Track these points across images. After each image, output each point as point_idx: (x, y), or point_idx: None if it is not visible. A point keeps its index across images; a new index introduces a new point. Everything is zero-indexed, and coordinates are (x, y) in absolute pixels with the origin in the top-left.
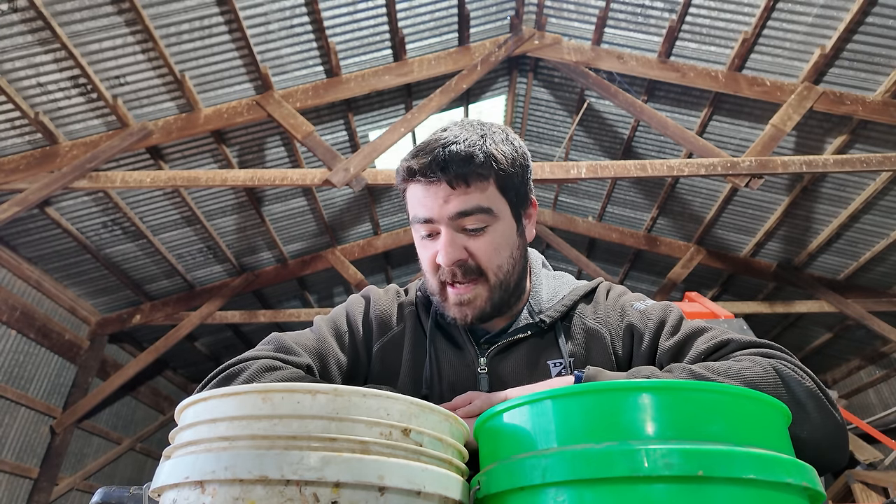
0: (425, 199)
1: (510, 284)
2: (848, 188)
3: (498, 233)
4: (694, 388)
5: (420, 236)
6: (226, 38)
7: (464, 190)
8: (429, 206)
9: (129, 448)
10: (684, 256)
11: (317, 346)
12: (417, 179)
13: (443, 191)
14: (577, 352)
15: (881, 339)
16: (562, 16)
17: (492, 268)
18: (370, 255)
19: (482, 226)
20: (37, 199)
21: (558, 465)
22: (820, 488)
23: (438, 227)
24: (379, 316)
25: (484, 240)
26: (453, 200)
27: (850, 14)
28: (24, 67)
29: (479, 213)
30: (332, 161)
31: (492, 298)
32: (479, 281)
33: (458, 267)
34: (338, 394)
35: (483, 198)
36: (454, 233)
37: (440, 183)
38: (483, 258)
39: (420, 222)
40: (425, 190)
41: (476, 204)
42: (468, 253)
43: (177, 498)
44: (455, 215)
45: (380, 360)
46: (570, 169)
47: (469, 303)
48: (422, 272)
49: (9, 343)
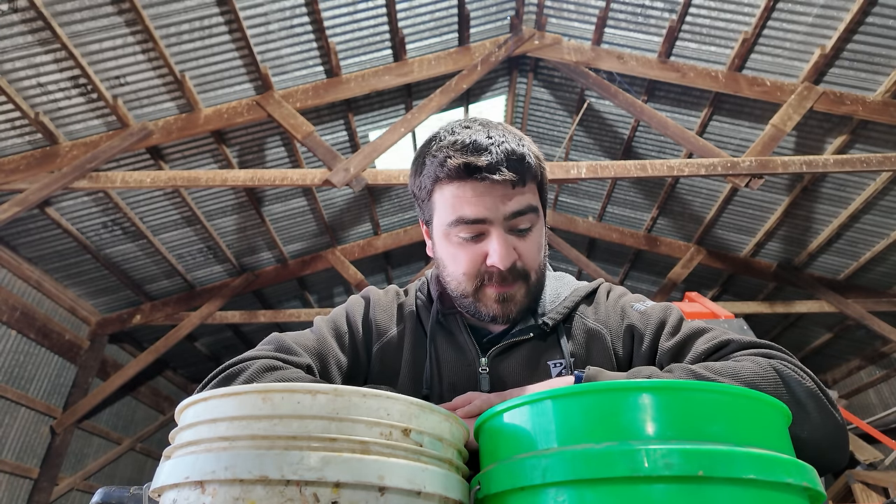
0: (479, 197)
1: (542, 282)
2: (848, 188)
3: (539, 233)
4: (694, 388)
5: (459, 238)
6: (226, 38)
7: (521, 190)
8: (485, 206)
9: (130, 448)
10: (684, 256)
11: (317, 347)
12: (475, 178)
13: (501, 190)
14: (577, 352)
15: (881, 339)
16: (562, 16)
17: (534, 267)
18: (370, 255)
19: (530, 226)
20: (37, 200)
21: (558, 465)
22: (820, 488)
23: (487, 228)
24: (379, 316)
25: (530, 240)
26: (512, 200)
27: (851, 14)
28: (25, 68)
29: (530, 213)
30: (333, 161)
31: (529, 294)
32: (521, 280)
33: (510, 269)
34: (338, 394)
35: (533, 198)
36: (506, 234)
37: (500, 183)
38: (529, 259)
39: (466, 223)
40: (482, 188)
41: (528, 203)
42: (517, 253)
43: (177, 498)
44: (510, 215)
45: (379, 361)
46: (570, 169)
47: (511, 299)
48: (423, 272)
49: (9, 343)
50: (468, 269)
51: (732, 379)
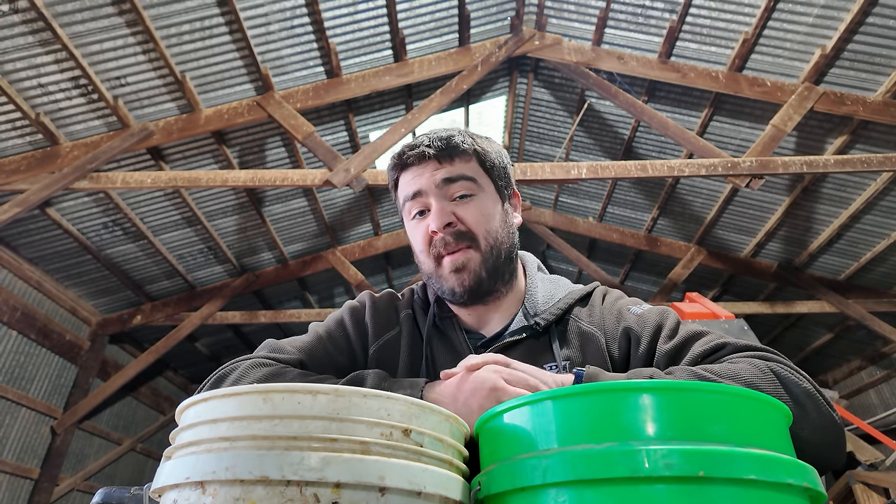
0: (414, 177)
1: (501, 253)
2: (848, 188)
3: (483, 202)
4: (694, 389)
5: (412, 218)
6: (226, 38)
7: (449, 162)
8: (417, 181)
9: (130, 449)
10: (685, 257)
11: (311, 347)
12: (407, 161)
13: (430, 165)
14: (572, 355)
15: (882, 340)
16: (562, 16)
17: (481, 232)
18: (371, 255)
19: (468, 193)
20: (38, 200)
21: (559, 465)
22: (821, 489)
23: (428, 200)
24: (375, 318)
25: (471, 206)
26: (440, 171)
27: (851, 14)
28: (26, 68)
29: (464, 181)
30: (333, 161)
31: (485, 263)
32: (471, 247)
33: (450, 234)
34: (338, 394)
35: (467, 168)
36: (443, 201)
37: (428, 160)
38: (471, 221)
39: (410, 199)
40: (414, 170)
41: (461, 172)
42: (457, 217)
43: (177, 498)
44: (441, 182)
45: (375, 362)
46: (570, 169)
47: (464, 267)
48: (420, 273)
49: (9, 344)
50: (422, 245)
51: (732, 380)
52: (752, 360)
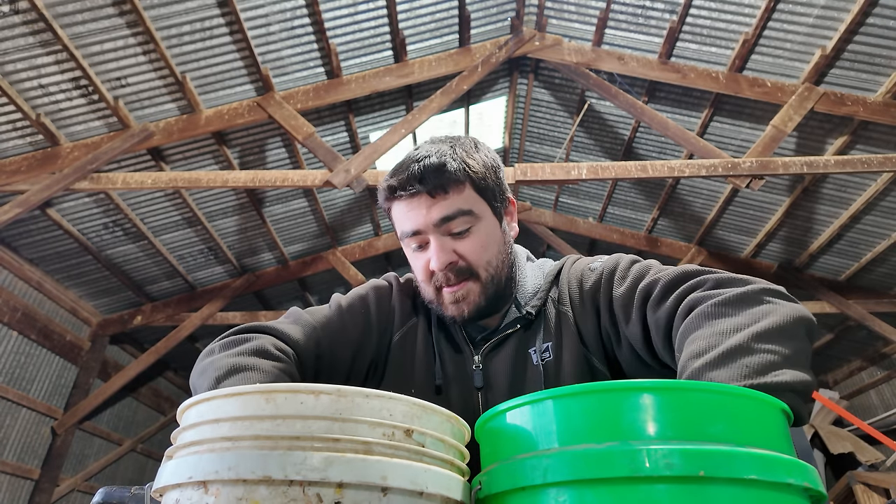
0: (409, 212)
1: (501, 279)
2: (849, 189)
3: (483, 232)
4: (695, 389)
5: (411, 249)
6: (227, 39)
7: (443, 197)
8: (413, 219)
9: (130, 449)
10: (685, 257)
11: (329, 320)
12: (399, 196)
13: (424, 201)
14: (551, 339)
15: (882, 340)
16: (562, 17)
17: (481, 265)
18: (371, 256)
19: (467, 227)
20: (38, 201)
21: (559, 465)
22: (822, 489)
23: (427, 237)
24: (402, 304)
25: (471, 240)
26: (435, 208)
27: (851, 15)
28: (26, 69)
29: (462, 216)
30: (333, 162)
31: (485, 293)
32: (470, 279)
33: (451, 270)
34: (341, 394)
35: (462, 201)
36: (442, 238)
37: (420, 195)
38: (472, 257)
39: (409, 236)
40: (408, 204)
41: (457, 208)
42: (457, 255)
43: (180, 498)
44: (439, 221)
45: (400, 348)
46: (570, 170)
47: (463, 299)
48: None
49: (10, 344)
50: (423, 276)
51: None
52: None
